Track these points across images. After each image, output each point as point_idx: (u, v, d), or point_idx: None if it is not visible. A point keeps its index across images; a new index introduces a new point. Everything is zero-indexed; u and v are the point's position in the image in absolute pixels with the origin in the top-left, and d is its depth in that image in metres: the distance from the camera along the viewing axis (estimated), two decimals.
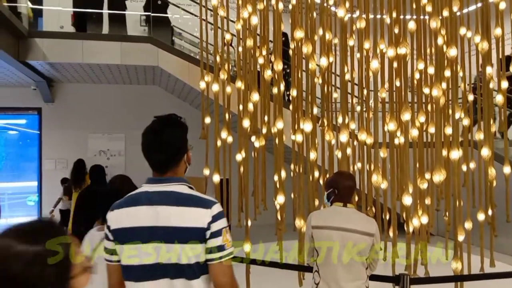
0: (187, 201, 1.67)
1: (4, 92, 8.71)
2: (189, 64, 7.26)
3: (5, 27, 5.96)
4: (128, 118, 9.16)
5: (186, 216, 1.64)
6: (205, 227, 1.63)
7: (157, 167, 1.73)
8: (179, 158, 1.75)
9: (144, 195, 1.70)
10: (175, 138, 1.75)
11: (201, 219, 1.63)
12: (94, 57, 7.00)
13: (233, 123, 5.66)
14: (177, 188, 1.70)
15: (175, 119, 1.80)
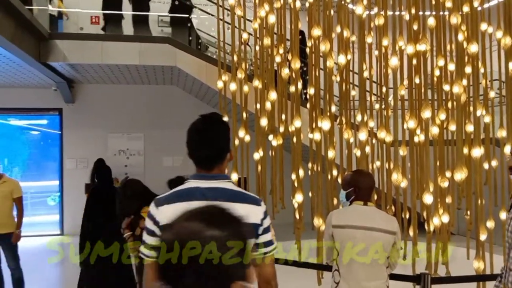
0: (237, 197, 1.71)
1: (26, 93, 8.91)
2: (207, 63, 7.30)
3: (26, 30, 6.09)
4: (147, 118, 9.28)
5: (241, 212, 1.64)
6: (259, 223, 1.70)
7: (205, 163, 1.75)
8: (225, 155, 1.79)
9: (197, 190, 1.71)
10: (222, 135, 1.78)
11: (255, 216, 1.70)
12: (113, 58, 7.10)
13: (250, 122, 5.68)
14: (226, 185, 1.74)
15: (220, 117, 1.84)
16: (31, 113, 9.51)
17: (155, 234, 1.69)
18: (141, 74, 8.24)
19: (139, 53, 7.09)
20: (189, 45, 8.01)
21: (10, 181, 5.01)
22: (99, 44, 7.02)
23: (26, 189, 9.56)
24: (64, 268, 6.40)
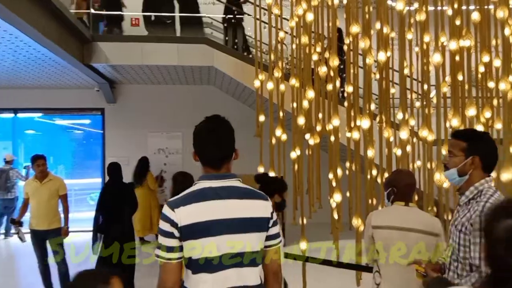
0: (248, 194, 1.81)
1: (70, 94, 9.27)
2: (243, 63, 7.34)
3: (71, 33, 6.33)
4: (185, 117, 9.41)
5: (253, 207, 1.79)
6: (269, 216, 1.81)
7: (214, 163, 1.82)
8: (232, 155, 1.86)
9: (210, 190, 1.77)
10: (228, 136, 1.86)
11: (266, 210, 1.81)
12: (152, 59, 7.27)
13: (287, 120, 5.66)
14: (235, 183, 1.82)
15: (224, 118, 1.91)
16: (75, 113, 9.89)
17: (174, 236, 1.73)
18: (179, 75, 8.39)
19: (177, 53, 7.21)
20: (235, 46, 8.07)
21: (55, 179, 5.23)
22: (139, 46, 7.20)
23: (70, 186, 9.96)
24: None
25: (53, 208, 5.08)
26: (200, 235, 1.71)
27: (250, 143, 9.05)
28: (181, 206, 1.74)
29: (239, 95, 8.91)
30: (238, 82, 7.61)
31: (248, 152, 8.95)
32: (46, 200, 5.00)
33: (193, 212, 1.72)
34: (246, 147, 10.20)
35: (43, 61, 6.83)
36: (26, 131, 9.89)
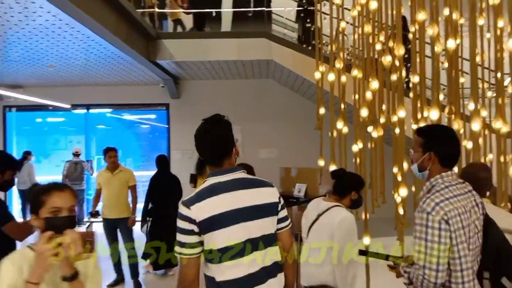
0: (255, 183, 1.98)
1: (137, 90, 9.72)
2: (302, 55, 7.29)
3: (138, 31, 6.62)
4: (244, 111, 9.56)
5: (263, 194, 1.96)
6: (277, 201, 1.98)
7: (214, 161, 1.98)
8: (231, 150, 1.99)
9: (220, 185, 1.92)
10: (226, 134, 1.98)
11: (274, 196, 1.98)
12: (213, 54, 7.42)
13: (348, 113, 5.55)
14: (241, 175, 1.98)
15: (221, 118, 2.04)
16: (142, 108, 10.35)
17: (194, 232, 1.85)
18: (239, 69, 8.50)
19: (237, 48, 7.31)
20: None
21: (125, 170, 5.52)
22: (201, 42, 7.38)
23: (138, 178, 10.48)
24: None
25: (123, 198, 5.37)
26: (218, 227, 1.84)
27: (310, 136, 9.06)
28: (196, 203, 1.86)
29: (298, 87, 8.87)
30: (297, 74, 7.57)
31: (307, 145, 8.97)
32: (116, 190, 5.29)
33: (207, 206, 1.85)
34: (305, 140, 10.24)
35: (113, 59, 7.21)
36: (97, 126, 10.51)
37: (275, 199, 1.98)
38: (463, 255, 1.92)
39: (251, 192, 1.93)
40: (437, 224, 1.89)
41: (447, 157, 2.05)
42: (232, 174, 1.95)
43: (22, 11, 4.68)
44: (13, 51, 6.48)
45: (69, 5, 4.29)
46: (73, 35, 5.63)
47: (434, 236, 1.89)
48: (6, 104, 9.85)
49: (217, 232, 1.84)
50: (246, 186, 1.94)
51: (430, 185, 2.04)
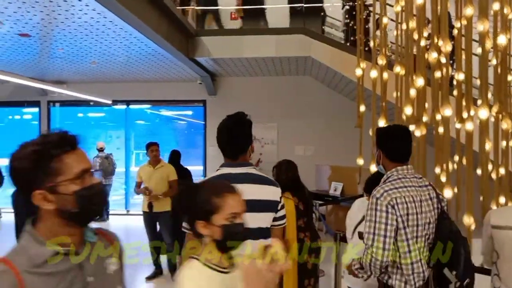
0: (261, 180, 2.17)
1: (175, 86, 9.88)
2: (341, 52, 7.18)
3: (178, 28, 6.71)
4: (281, 108, 9.54)
5: (266, 192, 2.15)
6: (278, 200, 2.17)
7: (232, 155, 2.20)
8: (247, 148, 2.22)
9: (229, 176, 2.13)
10: (243, 133, 2.21)
11: (276, 195, 2.18)
12: (251, 51, 7.43)
13: (388, 110, 5.42)
14: (250, 170, 2.18)
15: (243, 117, 2.23)
16: (179, 105, 10.51)
17: None
18: (276, 66, 8.48)
19: (275, 45, 7.28)
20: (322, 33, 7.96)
21: (166, 165, 5.61)
22: (239, 39, 7.40)
23: None
24: None
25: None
26: None
27: (347, 134, 8.94)
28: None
29: (335, 85, 8.76)
30: (335, 71, 7.47)
31: (344, 143, 8.85)
32: (157, 185, 5.38)
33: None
34: (342, 138, 10.11)
35: (153, 56, 7.35)
36: (136, 121, 10.75)
37: (276, 198, 2.18)
38: (410, 237, 2.16)
39: (256, 187, 2.13)
40: (385, 207, 2.16)
41: (391, 153, 2.32)
42: (243, 168, 2.17)
43: (69, 9, 4.84)
44: (59, 48, 6.72)
45: (113, 3, 4.40)
46: (116, 32, 5.78)
47: (382, 218, 2.15)
48: (51, 99, 10.25)
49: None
50: (253, 181, 2.13)
51: (386, 177, 2.32)
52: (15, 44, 6.54)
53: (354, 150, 6.04)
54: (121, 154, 10.50)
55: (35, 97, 10.20)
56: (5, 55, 7.26)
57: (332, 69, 7.42)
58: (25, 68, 8.38)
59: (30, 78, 7.93)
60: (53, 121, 10.50)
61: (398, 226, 2.14)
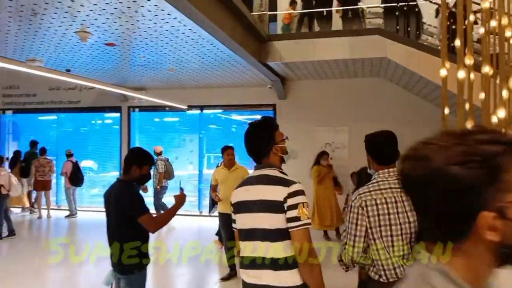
0: (273, 181, 2.17)
1: (246, 91, 10.04)
2: (419, 52, 6.88)
3: (251, 33, 6.82)
4: (352, 111, 9.33)
5: (270, 192, 2.15)
6: (281, 200, 2.10)
7: (255, 159, 2.32)
8: (265, 151, 2.26)
9: (250, 178, 2.32)
10: (258, 137, 2.29)
11: (280, 195, 2.11)
12: (323, 54, 7.35)
13: (474, 111, 5.08)
14: (268, 171, 2.23)
15: (263, 121, 2.38)
16: (250, 109, 10.63)
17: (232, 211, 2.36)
18: (348, 68, 8.32)
19: (349, 47, 7.15)
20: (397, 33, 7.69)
21: (241, 168, 5.70)
22: (311, 42, 7.35)
23: None
24: None
25: None
26: (236, 211, 2.31)
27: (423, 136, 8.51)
28: (235, 189, 2.36)
29: (412, 86, 8.40)
30: (412, 72, 7.17)
31: None
32: (232, 187, 5.46)
33: (236, 194, 2.33)
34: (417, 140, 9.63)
35: (227, 62, 7.53)
36: (209, 126, 11.06)
37: (278, 197, 2.11)
38: (377, 237, 2.32)
39: (262, 188, 2.18)
40: (356, 209, 2.38)
41: (377, 157, 2.49)
42: (261, 171, 2.26)
43: (152, 19, 5.11)
44: (140, 56, 7.10)
45: (194, 11, 4.56)
46: (194, 39, 6.00)
47: (353, 219, 2.38)
48: (131, 105, 10.86)
49: (235, 216, 2.32)
50: (265, 182, 2.19)
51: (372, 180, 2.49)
52: (101, 53, 7.03)
53: None
54: (195, 157, 10.86)
55: (116, 103, 10.87)
56: (92, 63, 7.81)
57: (409, 70, 7.13)
58: (108, 76, 8.97)
59: (114, 85, 8.47)
60: (133, 125, 11.12)
61: (370, 225, 2.34)
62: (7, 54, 6.98)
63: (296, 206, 2.09)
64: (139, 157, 3.31)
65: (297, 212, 2.08)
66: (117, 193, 3.27)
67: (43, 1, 4.62)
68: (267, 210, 2.13)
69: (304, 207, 2.10)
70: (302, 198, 2.12)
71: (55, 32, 5.82)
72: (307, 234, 2.10)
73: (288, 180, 2.16)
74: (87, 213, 10.61)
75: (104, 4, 4.66)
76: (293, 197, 2.10)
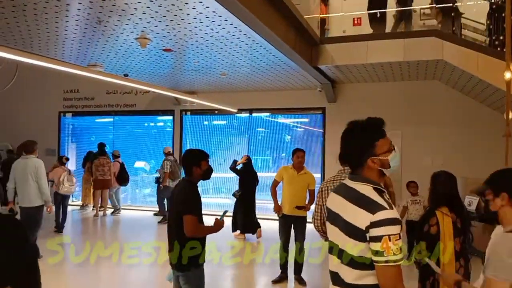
0: (360, 201, 1.82)
1: (295, 94, 10.06)
2: (478, 54, 6.61)
3: (303, 37, 6.82)
4: (405, 115, 9.11)
5: (354, 214, 1.82)
6: (363, 229, 1.76)
7: (349, 167, 1.99)
8: (357, 161, 1.90)
9: (341, 186, 2.01)
10: (354, 144, 1.93)
11: (362, 221, 1.77)
12: (377, 56, 7.22)
13: None
14: (359, 187, 1.87)
15: (365, 124, 1.95)
16: (299, 113, 10.62)
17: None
18: (402, 71, 8.13)
19: (403, 49, 6.99)
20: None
21: (309, 173, 5.71)
22: (364, 45, 7.25)
23: None
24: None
25: (302, 198, 5.56)
26: (327, 218, 2.06)
27: (483, 142, 8.19)
28: (332, 192, 2.11)
29: (469, 89, 8.08)
30: (470, 75, 6.90)
31: (480, 153, 8.13)
32: (298, 190, 5.52)
33: (331, 197, 2.06)
34: (477, 147, 9.31)
35: (277, 65, 7.58)
36: (258, 129, 11.16)
37: (361, 225, 1.76)
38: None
39: (349, 206, 1.87)
40: (319, 192, 3.57)
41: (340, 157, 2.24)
42: (352, 183, 1.92)
43: (209, 25, 5.24)
44: (195, 61, 7.29)
45: (250, 16, 4.65)
46: (248, 44, 6.09)
47: (318, 198, 3.55)
48: (183, 108, 11.17)
49: (327, 222, 2.05)
50: (350, 198, 1.88)
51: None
52: (157, 59, 7.29)
53: (491, 160, 5.49)
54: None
55: (169, 107, 11.21)
56: (148, 68, 8.11)
57: (467, 73, 6.87)
58: (162, 80, 9.28)
59: (169, 89, 8.75)
60: (185, 128, 11.43)
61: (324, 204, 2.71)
62: (71, 59, 7.39)
63: (380, 238, 1.72)
64: (192, 157, 3.44)
65: (380, 245, 1.72)
66: (178, 192, 3.42)
67: (108, 9, 4.87)
68: (349, 233, 1.82)
69: (390, 240, 1.71)
70: (390, 229, 1.73)
71: (116, 39, 6.10)
72: (392, 273, 1.74)
73: (378, 205, 1.77)
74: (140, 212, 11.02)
75: (164, 11, 4.84)
76: (377, 227, 1.73)
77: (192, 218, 3.19)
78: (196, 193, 3.36)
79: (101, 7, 4.78)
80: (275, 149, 10.91)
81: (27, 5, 4.72)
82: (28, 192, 6.02)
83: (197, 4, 4.59)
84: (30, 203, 6.03)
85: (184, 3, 4.58)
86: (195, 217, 3.20)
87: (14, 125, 12.47)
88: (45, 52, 6.89)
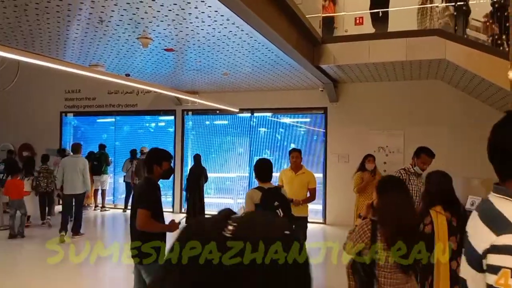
0: (488, 218, 1.29)
1: (297, 94, 10.03)
2: (481, 53, 6.58)
3: (305, 36, 6.80)
4: (407, 115, 9.08)
5: (476, 233, 1.32)
6: (480, 253, 1.26)
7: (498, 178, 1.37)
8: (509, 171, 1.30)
9: (485, 203, 1.35)
10: (504, 140, 1.32)
11: (482, 243, 1.26)
12: (379, 56, 7.20)
13: None
14: (499, 201, 1.29)
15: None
16: (300, 112, 10.59)
17: None
18: (405, 70, 8.11)
19: (406, 48, 6.96)
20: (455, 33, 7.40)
21: (308, 172, 5.68)
22: (366, 44, 7.22)
23: None
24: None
25: (302, 198, 5.52)
26: None
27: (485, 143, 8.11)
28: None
29: (472, 89, 8.05)
30: (473, 75, 6.87)
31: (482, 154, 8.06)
32: (297, 190, 5.48)
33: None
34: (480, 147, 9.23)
35: (279, 65, 7.56)
36: (259, 129, 11.14)
37: (479, 247, 1.27)
38: None
39: (478, 225, 1.32)
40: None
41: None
42: (494, 196, 1.33)
43: (211, 24, 5.22)
44: (197, 60, 7.28)
45: (252, 15, 4.63)
46: (250, 44, 6.07)
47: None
48: (185, 108, 11.15)
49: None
50: (481, 214, 1.32)
51: None
52: (159, 59, 7.27)
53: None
54: (244, 159, 10.97)
55: (171, 106, 11.19)
56: (150, 68, 8.10)
57: (470, 73, 6.84)
58: (164, 80, 9.26)
59: (170, 89, 8.73)
60: (186, 128, 11.41)
61: None
62: (72, 59, 7.38)
63: (498, 269, 1.20)
64: (156, 156, 3.57)
65: (494, 279, 1.20)
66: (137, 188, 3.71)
67: (110, 9, 4.85)
68: (469, 261, 1.33)
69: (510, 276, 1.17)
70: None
71: (118, 39, 6.08)
72: None
73: (506, 228, 1.22)
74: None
75: (166, 11, 4.82)
76: (498, 253, 1.21)
77: (145, 212, 3.32)
78: (152, 190, 3.50)
79: (103, 7, 4.77)
80: (277, 150, 10.87)
81: (29, 4, 4.70)
82: (76, 182, 7.92)
83: (199, 4, 4.58)
84: (76, 190, 7.95)
85: (186, 3, 4.56)
86: (148, 212, 3.33)
87: (16, 125, 12.47)
88: (47, 52, 6.88)
